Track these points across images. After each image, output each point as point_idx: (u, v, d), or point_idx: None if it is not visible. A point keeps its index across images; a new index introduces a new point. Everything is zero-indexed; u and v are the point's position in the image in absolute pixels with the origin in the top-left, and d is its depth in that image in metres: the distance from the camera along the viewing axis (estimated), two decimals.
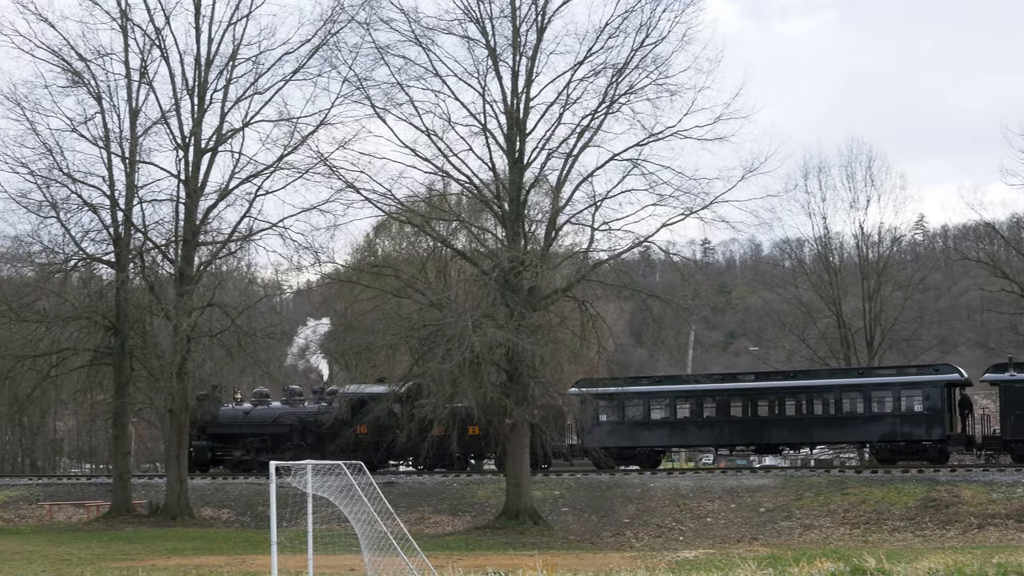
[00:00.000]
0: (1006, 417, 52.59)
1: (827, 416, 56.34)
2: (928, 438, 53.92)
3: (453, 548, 39.56)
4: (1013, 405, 52.02)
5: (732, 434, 58.21)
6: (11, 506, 58.70)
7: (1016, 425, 52.05)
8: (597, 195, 47.75)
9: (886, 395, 55.04)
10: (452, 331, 44.19)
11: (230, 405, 66.71)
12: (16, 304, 54.05)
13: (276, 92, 53.38)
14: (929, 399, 53.90)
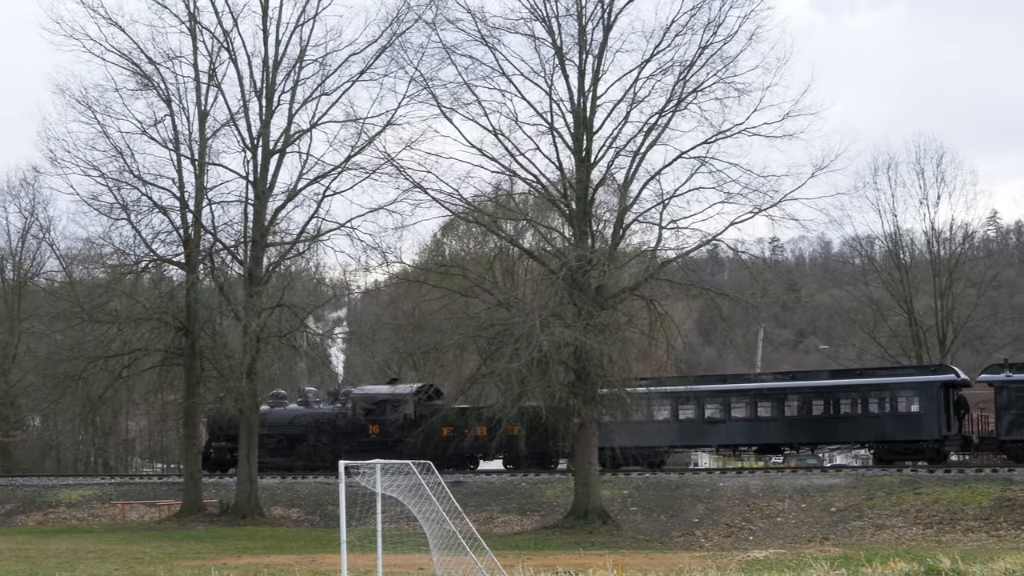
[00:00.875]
0: (1001, 417, 53.16)
1: (824, 416, 56.87)
2: (925, 438, 54.25)
3: (522, 547, 39.48)
4: (1008, 405, 52.57)
5: (733, 434, 58.27)
6: (84, 505, 59.29)
7: (1011, 425, 52.65)
8: (665, 193, 47.59)
9: (883, 396, 55.68)
10: (520, 330, 44.13)
11: None
12: (88, 305, 54.63)
13: (343, 93, 53.68)
14: (926, 400, 54.33)
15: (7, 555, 39.09)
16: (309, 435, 64.91)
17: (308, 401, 66.43)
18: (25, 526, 56.60)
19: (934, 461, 53.93)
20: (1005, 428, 52.95)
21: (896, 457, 55.22)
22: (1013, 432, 52.55)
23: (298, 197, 54.28)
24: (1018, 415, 52.41)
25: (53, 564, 34.95)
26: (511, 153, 47.82)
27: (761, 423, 57.81)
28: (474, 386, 49.77)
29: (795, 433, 57.23)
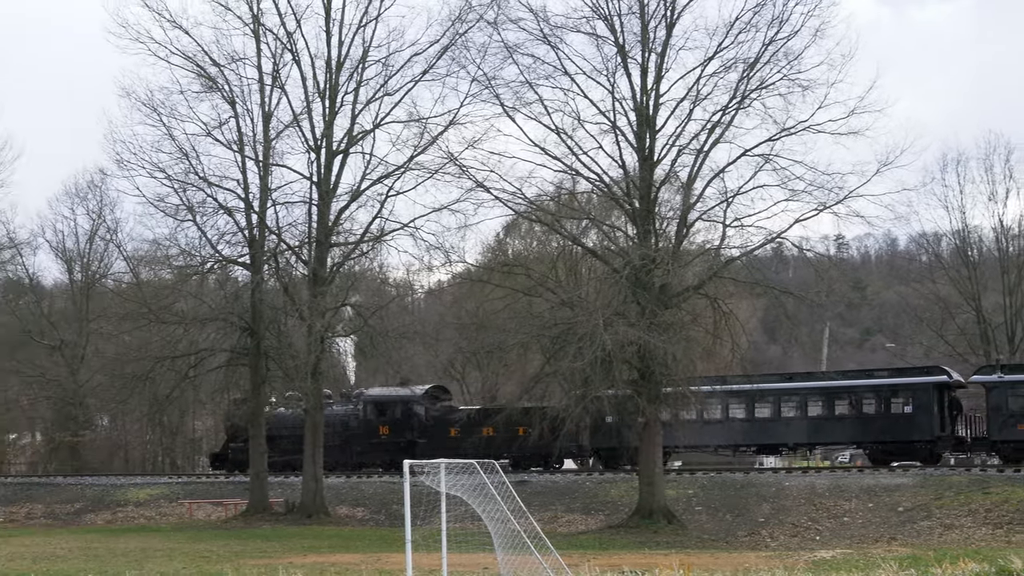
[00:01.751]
0: (993, 418, 53.80)
1: (821, 417, 57.14)
2: (919, 439, 54.62)
3: (586, 547, 39.43)
4: (999, 406, 53.22)
5: (732, 434, 58.20)
6: (152, 504, 59.81)
7: (1002, 425, 53.25)
8: (728, 191, 47.30)
9: (878, 397, 56.03)
10: (583, 329, 44.06)
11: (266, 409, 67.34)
12: (155, 306, 55.05)
13: (406, 93, 53.81)
14: (919, 401, 54.81)
15: (77, 553, 39.52)
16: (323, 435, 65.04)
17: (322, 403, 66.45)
18: (94, 525, 57.16)
19: (927, 461, 54.40)
20: (996, 428, 53.72)
21: (890, 457, 55.86)
22: (1004, 432, 53.32)
23: (361, 197, 54.53)
24: (1009, 416, 53.10)
25: (122, 562, 35.27)
26: (574, 152, 47.78)
27: (759, 423, 57.88)
28: (537, 385, 49.66)
29: (792, 433, 57.51)
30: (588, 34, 48.04)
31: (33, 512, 61.43)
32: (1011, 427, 53.07)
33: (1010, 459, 53.47)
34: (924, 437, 54.60)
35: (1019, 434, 52.88)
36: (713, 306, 47.62)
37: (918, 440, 54.76)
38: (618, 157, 47.93)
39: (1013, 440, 53.24)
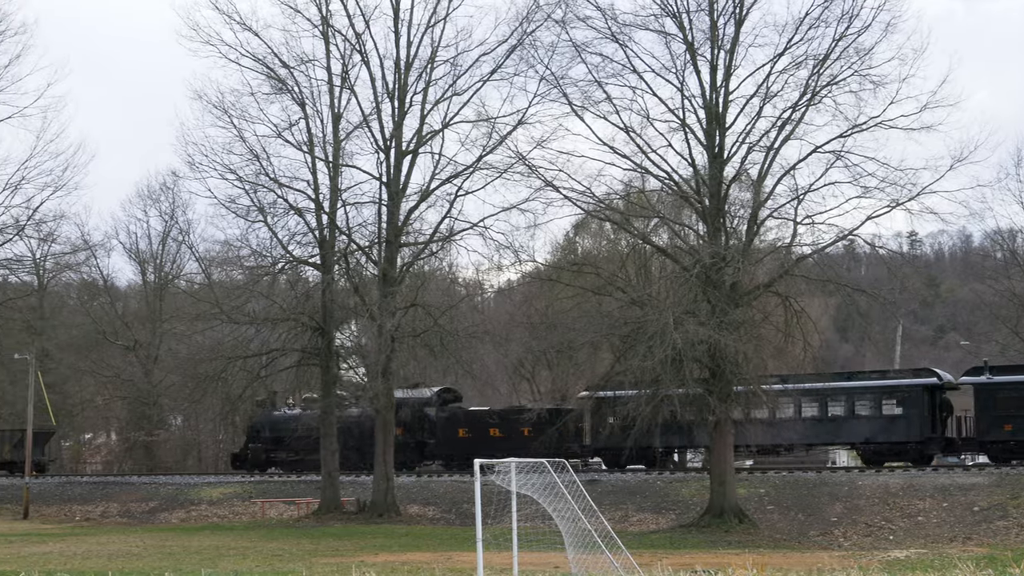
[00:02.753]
0: (981, 418, 54.78)
1: (816, 418, 57.59)
2: (909, 439, 55.15)
3: (657, 546, 39.32)
4: (987, 406, 53.99)
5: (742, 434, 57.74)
6: (225, 503, 60.29)
7: (990, 426, 54.07)
8: (799, 188, 46.94)
9: (870, 399, 56.59)
10: (654, 328, 43.90)
11: (283, 410, 70.33)
12: (227, 307, 55.47)
13: (474, 93, 53.94)
14: (910, 402, 55.46)
15: (152, 551, 39.92)
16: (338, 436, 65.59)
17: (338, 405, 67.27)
18: (168, 523, 57.71)
19: (918, 462, 54.92)
20: (984, 428, 54.55)
21: (882, 458, 56.46)
22: (992, 432, 54.25)
23: (431, 197, 54.70)
24: (996, 416, 53.85)
25: (196, 560, 35.58)
26: (643, 150, 47.62)
27: None
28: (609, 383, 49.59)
29: (786, 434, 57.78)
30: (657, 32, 47.95)
31: (109, 511, 62.13)
32: (998, 427, 54.04)
33: (998, 459, 54.14)
34: (914, 438, 55.28)
35: (1006, 434, 53.84)
36: (784, 304, 47.31)
37: (908, 441, 55.36)
38: (687, 155, 47.76)
39: (1001, 440, 54.24)
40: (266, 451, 71.06)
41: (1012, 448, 53.98)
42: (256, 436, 71.09)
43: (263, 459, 71.20)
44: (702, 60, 47.42)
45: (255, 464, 70.80)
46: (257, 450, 71.00)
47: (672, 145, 47.65)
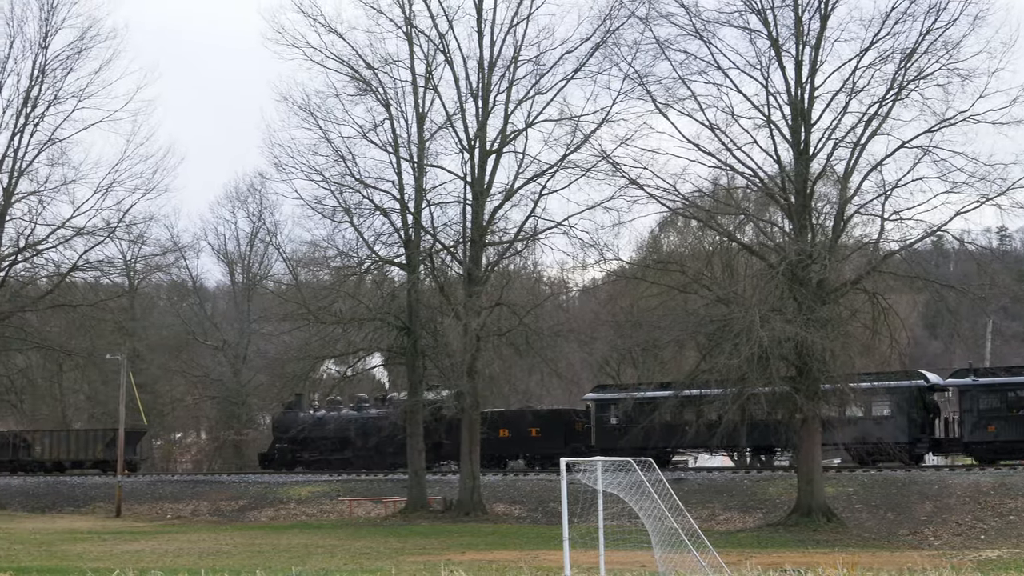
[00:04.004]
0: (965, 420, 55.91)
1: None
2: (898, 441, 55.50)
3: (745, 545, 39.14)
4: (971, 408, 55.00)
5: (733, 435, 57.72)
6: (313, 501, 60.77)
7: (974, 427, 55.02)
8: (886, 184, 46.40)
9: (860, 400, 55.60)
10: (739, 326, 43.69)
11: (309, 411, 71.88)
12: (314, 307, 55.92)
13: (557, 92, 53.99)
14: (899, 404, 56.16)
15: (241, 549, 40.34)
16: (358, 437, 69.58)
17: (360, 406, 70.91)
18: (257, 522, 58.28)
19: (906, 463, 55.59)
20: (968, 430, 55.46)
21: (871, 459, 57.06)
22: (976, 433, 55.29)
23: (515, 196, 54.81)
24: (980, 418, 54.81)
25: (285, 559, 35.92)
26: (728, 147, 47.35)
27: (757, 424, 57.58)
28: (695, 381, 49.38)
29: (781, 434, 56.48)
30: (741, 28, 47.66)
31: (199, 509, 62.88)
32: (982, 428, 55.05)
33: (983, 459, 55.53)
34: (902, 439, 55.73)
35: (989, 435, 54.96)
36: (872, 301, 46.86)
37: (896, 442, 55.55)
38: (773, 152, 47.45)
39: (985, 441, 55.34)
40: (292, 451, 73.01)
41: (996, 449, 55.37)
42: (282, 436, 72.89)
43: (289, 459, 73.11)
44: (787, 56, 47.10)
45: (281, 463, 72.79)
46: (283, 450, 72.97)
47: (757, 142, 47.43)
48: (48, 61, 68.11)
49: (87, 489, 70.09)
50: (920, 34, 45.62)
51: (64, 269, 70.53)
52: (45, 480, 74.31)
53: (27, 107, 67.99)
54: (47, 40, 68.05)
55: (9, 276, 69.92)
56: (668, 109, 47.98)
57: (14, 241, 69.47)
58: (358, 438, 69.93)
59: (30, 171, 68.87)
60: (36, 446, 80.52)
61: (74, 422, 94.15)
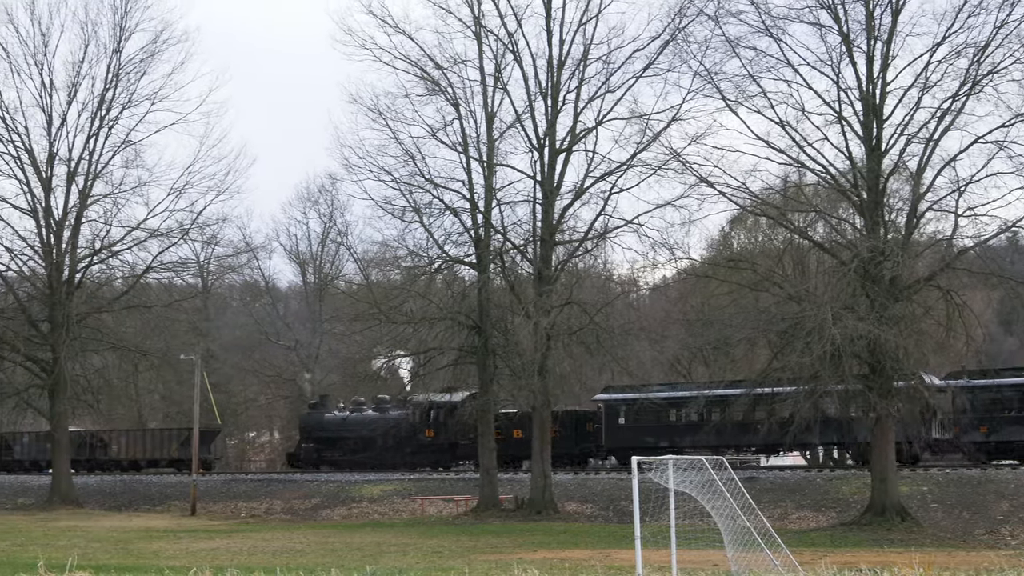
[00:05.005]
0: (958, 420, 55.76)
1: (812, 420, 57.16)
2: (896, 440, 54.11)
3: (818, 544, 38.89)
4: (964, 409, 54.16)
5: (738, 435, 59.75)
6: (385, 500, 61.02)
7: (967, 427, 55.94)
8: (960, 180, 45.93)
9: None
10: (811, 324, 43.44)
11: (334, 412, 73.91)
12: (385, 307, 56.20)
13: (627, 90, 53.85)
14: None
15: (315, 547, 40.61)
16: (379, 438, 71.29)
17: (381, 407, 72.31)
18: (330, 520, 58.59)
19: (904, 462, 55.72)
20: (962, 430, 56.36)
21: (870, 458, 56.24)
22: (968, 433, 55.77)
23: (585, 195, 54.76)
24: (973, 418, 54.96)
25: (358, 557, 36.11)
26: (798, 144, 47.08)
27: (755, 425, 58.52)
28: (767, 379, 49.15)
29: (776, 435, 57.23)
30: (811, 24, 47.36)
31: (272, 508, 63.32)
32: (975, 428, 55.50)
33: (974, 458, 56.30)
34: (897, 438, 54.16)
35: (981, 436, 55.55)
36: (945, 298, 46.43)
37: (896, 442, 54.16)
38: (844, 148, 47.10)
39: (977, 441, 56.00)
40: (318, 451, 74.31)
41: (988, 449, 56.05)
42: (309, 436, 74.20)
43: (315, 458, 74.34)
44: (858, 51, 46.76)
45: (307, 462, 74.03)
46: (309, 450, 74.22)
47: (828, 138, 47.11)
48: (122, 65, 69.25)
49: (162, 488, 70.84)
50: (994, 28, 45.15)
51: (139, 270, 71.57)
52: (121, 479, 75.22)
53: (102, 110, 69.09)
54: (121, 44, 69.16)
55: (85, 278, 70.98)
56: (738, 106, 47.84)
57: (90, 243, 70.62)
58: (380, 438, 71.62)
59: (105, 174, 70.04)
60: (113, 445, 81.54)
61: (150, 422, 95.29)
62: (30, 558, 33.77)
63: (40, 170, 69.23)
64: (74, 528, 53.52)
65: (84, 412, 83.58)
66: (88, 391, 72.51)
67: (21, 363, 70.77)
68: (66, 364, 67.32)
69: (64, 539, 46.02)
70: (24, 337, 69.43)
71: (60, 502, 67.64)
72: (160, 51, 69.06)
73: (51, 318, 68.81)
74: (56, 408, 69.39)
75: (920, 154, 46.48)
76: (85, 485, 72.97)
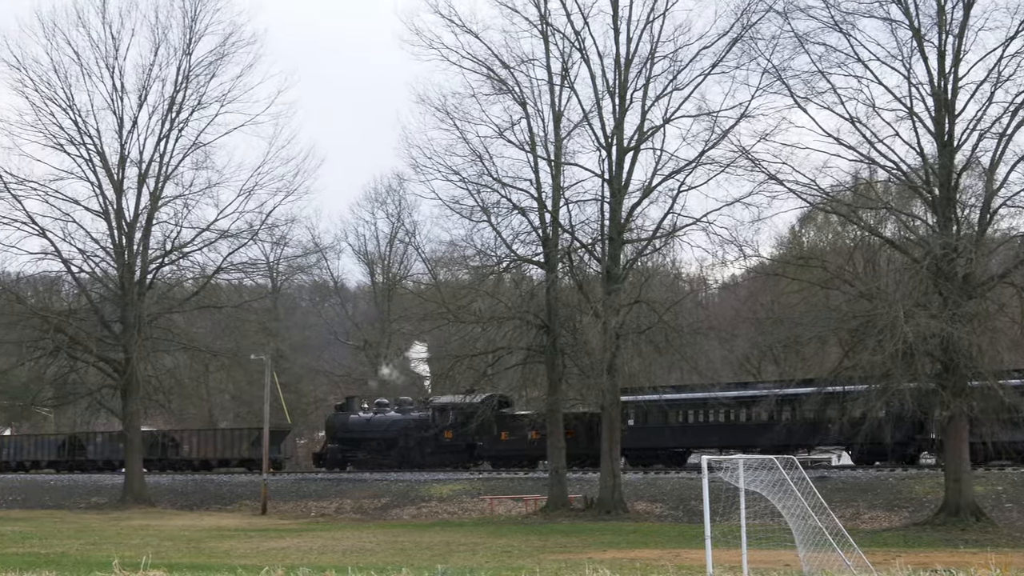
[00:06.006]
0: None
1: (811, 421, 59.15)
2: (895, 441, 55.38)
3: (891, 544, 38.49)
4: None
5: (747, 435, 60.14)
6: (455, 500, 61.12)
7: None
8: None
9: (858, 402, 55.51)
10: (883, 322, 43.02)
11: (359, 414, 75.04)
12: (453, 306, 56.33)
13: (695, 88, 53.55)
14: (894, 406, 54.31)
15: (384, 546, 40.71)
16: (400, 439, 72.59)
17: (404, 408, 73.92)
18: (399, 519, 58.76)
19: (903, 460, 57.46)
20: None
21: (870, 458, 58.99)
22: None
23: (653, 193, 54.54)
24: None
25: (427, 556, 36.14)
26: (869, 141, 46.61)
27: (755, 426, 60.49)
28: None
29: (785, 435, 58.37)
30: (881, 19, 46.89)
31: (343, 507, 63.60)
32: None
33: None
34: (896, 439, 55.41)
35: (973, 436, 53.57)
36: (1020, 295, 45.82)
37: (895, 442, 55.66)
38: (916, 144, 46.58)
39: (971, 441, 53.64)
40: (343, 451, 75.26)
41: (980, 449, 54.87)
42: (334, 437, 75.20)
43: (340, 458, 75.33)
44: (929, 46, 46.21)
45: (333, 463, 75.14)
46: (335, 450, 75.15)
47: (899, 134, 46.60)
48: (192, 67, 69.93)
49: (233, 487, 71.40)
50: None
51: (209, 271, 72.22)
52: (193, 478, 75.91)
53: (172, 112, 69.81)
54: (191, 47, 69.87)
55: (156, 279, 71.72)
56: (807, 103, 47.40)
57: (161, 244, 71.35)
58: (401, 438, 72.80)
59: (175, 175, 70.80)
60: (184, 445, 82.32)
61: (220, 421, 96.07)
62: (104, 557, 34.08)
63: (112, 172, 70.02)
64: (146, 527, 54.05)
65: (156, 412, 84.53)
66: (159, 391, 73.31)
67: (94, 363, 71.62)
68: (138, 364, 68.05)
69: (137, 538, 46.45)
70: (97, 338, 70.27)
71: (133, 501, 68.38)
72: (229, 53, 69.76)
73: (123, 319, 69.58)
74: (128, 408, 70.20)
75: (993, 149, 45.91)
76: (157, 484, 73.71)
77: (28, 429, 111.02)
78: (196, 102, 70.12)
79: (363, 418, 75.12)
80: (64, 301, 76.45)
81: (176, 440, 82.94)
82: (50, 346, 68.76)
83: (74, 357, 71.13)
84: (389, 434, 73.34)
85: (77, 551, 39.96)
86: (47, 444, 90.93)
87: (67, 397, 77.29)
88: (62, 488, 77.40)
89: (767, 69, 48.64)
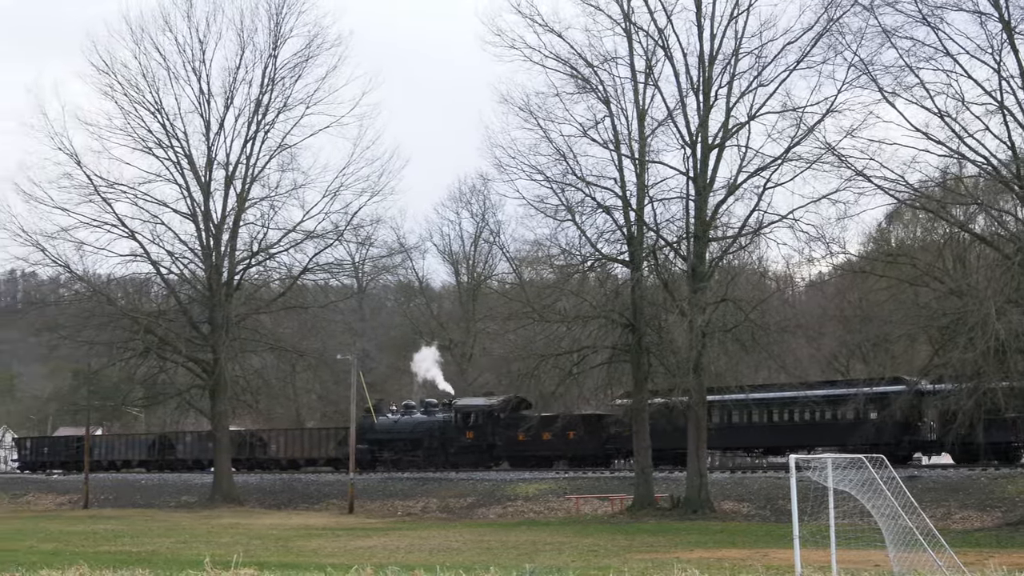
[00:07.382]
0: (942, 422, 54.90)
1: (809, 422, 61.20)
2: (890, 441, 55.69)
3: (983, 545, 37.91)
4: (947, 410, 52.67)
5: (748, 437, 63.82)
6: (540, 499, 61.10)
7: None
8: None
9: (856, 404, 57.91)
10: (974, 319, 42.41)
11: (387, 415, 76.37)
12: (538, 305, 56.31)
13: (780, 83, 53.08)
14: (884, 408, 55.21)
15: (471, 545, 40.78)
16: (424, 440, 74.04)
17: (429, 410, 75.28)
18: (486, 519, 58.81)
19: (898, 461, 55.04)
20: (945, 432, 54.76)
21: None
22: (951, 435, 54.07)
23: (738, 191, 54.15)
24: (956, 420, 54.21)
25: (514, 555, 36.16)
26: (958, 135, 45.93)
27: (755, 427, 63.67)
28: None
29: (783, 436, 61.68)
30: (970, 12, 46.18)
31: (429, 506, 63.80)
32: (957, 430, 53.48)
33: (960, 460, 57.72)
34: (887, 441, 55.59)
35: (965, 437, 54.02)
36: None
37: (890, 443, 55.73)
38: (1007, 138, 45.82)
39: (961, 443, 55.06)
40: (371, 452, 76.06)
41: (972, 450, 55.67)
42: (362, 438, 75.02)
43: (368, 459, 76.02)
44: (1020, 39, 45.41)
45: (361, 464, 74.97)
46: (363, 451, 75.21)
47: (990, 128, 45.85)
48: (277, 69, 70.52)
49: (320, 486, 71.89)
50: None
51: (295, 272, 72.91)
52: (280, 477, 76.58)
53: (258, 114, 70.49)
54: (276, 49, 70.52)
55: (244, 280, 72.45)
56: (895, 98, 46.82)
57: (248, 246, 72.14)
58: (425, 439, 74.17)
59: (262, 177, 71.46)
60: (272, 445, 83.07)
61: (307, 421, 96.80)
62: (195, 555, 34.45)
63: (199, 175, 70.84)
64: (236, 526, 54.58)
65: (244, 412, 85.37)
66: (247, 391, 74.08)
67: (183, 364, 72.51)
68: (226, 365, 68.79)
69: (226, 536, 46.92)
70: (185, 339, 71.14)
71: (222, 500, 69.13)
72: (314, 56, 70.31)
73: (211, 320, 70.38)
74: (217, 408, 70.97)
75: None
76: (245, 483, 74.43)
77: (119, 429, 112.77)
78: (282, 104, 70.82)
79: (390, 420, 76.53)
80: (153, 302, 77.57)
81: (264, 440, 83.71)
82: (140, 347, 69.73)
83: (163, 358, 72.04)
84: (415, 435, 74.82)
85: (168, 549, 40.45)
86: (138, 444, 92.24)
87: (157, 397, 78.43)
88: (152, 487, 78.45)
89: (853, 63, 48.14)
